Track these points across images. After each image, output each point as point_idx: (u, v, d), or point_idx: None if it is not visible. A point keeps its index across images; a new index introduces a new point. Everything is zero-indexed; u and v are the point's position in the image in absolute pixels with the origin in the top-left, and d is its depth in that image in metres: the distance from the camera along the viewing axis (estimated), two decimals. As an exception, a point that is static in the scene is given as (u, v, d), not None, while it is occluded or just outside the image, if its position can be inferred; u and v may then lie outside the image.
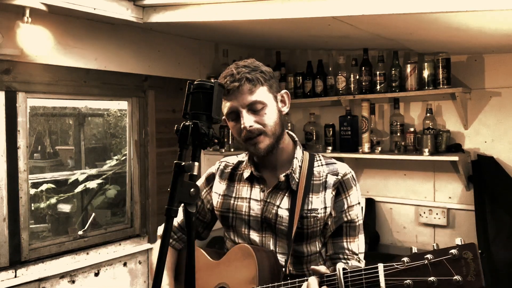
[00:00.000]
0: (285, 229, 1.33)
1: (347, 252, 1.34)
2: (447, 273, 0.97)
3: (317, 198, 1.35)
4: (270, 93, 1.33)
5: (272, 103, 1.33)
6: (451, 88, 2.65)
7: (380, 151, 2.90)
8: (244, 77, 1.29)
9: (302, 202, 1.33)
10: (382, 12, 1.79)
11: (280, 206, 1.35)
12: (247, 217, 1.38)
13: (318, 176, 1.38)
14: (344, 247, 1.35)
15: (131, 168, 2.90)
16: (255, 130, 1.29)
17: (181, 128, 0.99)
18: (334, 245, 1.36)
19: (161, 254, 0.93)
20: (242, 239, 1.39)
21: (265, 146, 1.31)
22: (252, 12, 2.09)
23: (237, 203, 1.41)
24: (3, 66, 2.21)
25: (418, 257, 1.02)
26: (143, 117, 2.89)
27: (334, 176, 1.37)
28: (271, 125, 1.31)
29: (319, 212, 1.33)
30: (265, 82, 1.32)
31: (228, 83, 1.29)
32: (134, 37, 2.76)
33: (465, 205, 2.80)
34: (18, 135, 2.28)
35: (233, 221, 1.41)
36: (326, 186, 1.36)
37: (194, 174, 0.97)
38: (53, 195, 3.09)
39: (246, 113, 1.29)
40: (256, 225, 1.37)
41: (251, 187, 1.41)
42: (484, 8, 1.60)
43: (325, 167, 1.40)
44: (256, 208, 1.37)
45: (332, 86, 3.13)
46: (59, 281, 2.44)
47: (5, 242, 2.24)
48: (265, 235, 1.36)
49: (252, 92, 1.29)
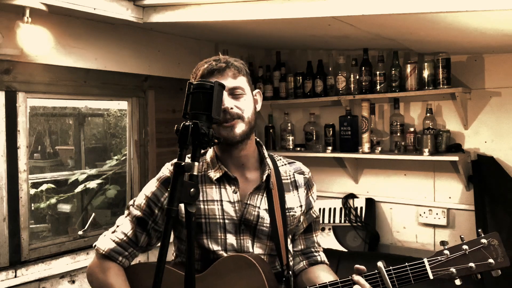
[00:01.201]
0: (266, 229, 1.33)
1: (316, 245, 1.48)
2: (482, 258, 1.22)
3: (289, 197, 1.40)
4: (249, 85, 1.36)
5: (250, 94, 1.35)
6: (451, 88, 2.65)
7: (380, 151, 2.90)
8: (230, 62, 1.32)
9: (280, 201, 1.36)
10: (382, 12, 1.79)
11: (260, 207, 1.34)
12: (221, 220, 1.32)
13: (285, 176, 1.43)
14: (314, 241, 1.48)
15: (131, 168, 2.90)
16: (234, 113, 1.28)
17: (181, 128, 0.99)
18: (306, 240, 1.47)
19: (161, 254, 0.94)
20: (217, 243, 1.31)
21: (240, 131, 1.29)
22: (252, 12, 2.09)
23: (208, 206, 1.32)
24: (3, 66, 2.21)
25: (456, 249, 1.23)
26: (143, 117, 2.89)
27: (301, 175, 1.45)
28: (249, 113, 1.32)
29: (296, 210, 1.40)
30: (246, 74, 1.36)
31: (213, 64, 1.30)
32: (134, 37, 2.76)
33: (465, 205, 2.80)
34: (18, 135, 2.28)
35: (207, 226, 1.32)
36: (297, 185, 1.43)
37: (194, 174, 0.97)
38: (53, 195, 3.09)
39: (227, 96, 1.29)
40: (233, 228, 1.32)
41: (219, 188, 1.34)
42: (484, 8, 1.60)
43: (289, 166, 1.46)
44: (230, 211, 1.32)
45: (332, 86, 3.13)
46: (59, 281, 2.44)
47: (5, 242, 2.24)
48: (243, 237, 1.33)
49: (235, 77, 1.31)
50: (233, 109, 1.28)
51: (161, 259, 0.94)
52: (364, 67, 2.94)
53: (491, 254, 1.22)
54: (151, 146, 2.91)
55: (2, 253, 2.23)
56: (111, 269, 1.32)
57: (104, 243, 1.36)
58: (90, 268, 1.37)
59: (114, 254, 1.33)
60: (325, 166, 3.24)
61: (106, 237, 1.38)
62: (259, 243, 1.34)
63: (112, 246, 1.34)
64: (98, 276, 1.33)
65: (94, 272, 1.35)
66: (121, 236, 1.35)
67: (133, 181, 2.89)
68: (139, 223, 1.36)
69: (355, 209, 3.09)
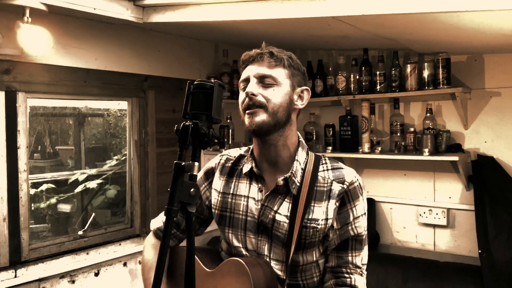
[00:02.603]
0: (282, 236, 1.26)
1: (351, 266, 1.29)
2: None
3: (319, 207, 1.27)
4: (288, 79, 1.29)
5: (286, 88, 1.28)
6: (451, 88, 2.65)
7: (380, 151, 2.90)
8: (270, 51, 1.29)
9: (303, 210, 1.25)
10: (382, 12, 1.79)
11: (278, 212, 1.27)
12: (244, 217, 1.32)
13: (322, 182, 1.29)
14: (349, 261, 1.29)
15: (131, 168, 2.90)
16: (256, 100, 1.24)
17: (181, 128, 0.99)
18: (338, 258, 1.30)
19: (161, 254, 0.93)
20: (238, 240, 1.33)
21: (260, 121, 1.23)
22: (252, 12, 2.09)
23: (235, 201, 1.34)
24: (3, 66, 2.21)
25: None
26: (143, 117, 2.89)
27: (340, 184, 1.28)
28: (275, 103, 1.25)
29: (319, 223, 1.25)
30: (288, 67, 1.29)
31: (251, 52, 1.30)
32: (134, 37, 2.76)
33: (465, 205, 2.80)
34: (18, 135, 2.28)
35: (230, 221, 1.34)
36: (331, 195, 1.27)
37: (194, 174, 0.97)
38: (53, 195, 3.09)
39: (255, 83, 1.26)
40: (253, 227, 1.30)
41: (249, 184, 1.34)
42: (484, 8, 1.60)
43: (331, 172, 1.31)
44: (253, 209, 1.31)
45: (332, 86, 3.13)
46: (59, 281, 2.44)
47: (5, 242, 2.24)
48: (261, 239, 1.30)
49: (270, 67, 1.27)
50: (256, 96, 1.24)
51: (161, 259, 0.93)
52: (364, 67, 2.94)
53: None
54: (151, 146, 2.91)
55: (2, 253, 2.23)
56: (155, 245, 1.46)
57: (156, 222, 1.50)
58: (145, 241, 1.53)
59: (159, 233, 1.47)
60: (325, 166, 3.24)
61: (159, 217, 1.51)
62: (276, 249, 1.28)
63: (159, 226, 1.48)
64: (144, 250, 1.49)
65: (144, 246, 1.51)
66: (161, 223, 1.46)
67: (133, 181, 2.89)
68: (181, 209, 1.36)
69: (355, 209, 3.08)
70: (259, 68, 1.27)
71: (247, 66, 1.31)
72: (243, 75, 1.31)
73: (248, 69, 1.30)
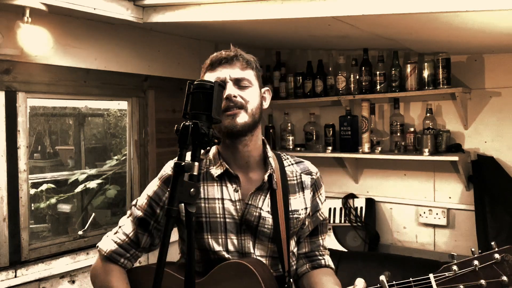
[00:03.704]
0: (268, 232, 1.30)
1: (321, 249, 1.44)
2: (495, 275, 1.11)
3: (294, 199, 1.36)
4: (257, 80, 1.34)
5: (257, 89, 1.33)
6: (451, 88, 2.65)
7: (380, 151, 2.90)
8: (240, 53, 1.32)
9: (284, 204, 1.32)
10: (382, 12, 1.79)
11: (262, 208, 1.30)
12: (222, 219, 1.30)
13: (291, 176, 1.39)
14: (320, 244, 1.44)
15: (131, 168, 2.90)
16: (237, 101, 1.27)
17: (181, 128, 0.99)
18: (311, 243, 1.43)
19: (161, 254, 0.93)
20: (218, 243, 1.29)
21: (242, 122, 1.27)
22: (252, 12, 2.09)
23: (208, 205, 1.30)
24: (3, 66, 2.21)
25: (465, 264, 1.14)
26: (143, 117, 2.89)
27: (308, 175, 1.41)
28: (253, 105, 1.29)
29: (300, 213, 1.36)
30: (255, 69, 1.35)
31: (223, 54, 1.31)
32: (134, 37, 2.76)
33: (465, 205, 2.80)
34: (18, 135, 2.28)
35: (208, 225, 1.29)
36: (304, 186, 1.39)
37: (194, 174, 0.97)
38: (53, 195, 3.09)
39: (232, 85, 1.28)
40: (234, 228, 1.29)
41: (221, 186, 1.32)
42: (485, 8, 1.60)
43: (296, 166, 1.42)
44: (232, 209, 1.29)
45: (332, 86, 3.13)
46: (59, 281, 2.44)
47: (5, 242, 2.24)
48: (244, 238, 1.30)
49: (243, 69, 1.31)
50: (236, 97, 1.27)
51: (161, 259, 0.93)
52: (364, 67, 2.94)
53: (504, 271, 1.11)
54: (151, 146, 2.91)
55: (2, 253, 2.23)
56: (113, 272, 1.33)
57: (106, 244, 1.36)
58: (94, 269, 1.38)
59: (115, 256, 1.34)
60: (325, 166, 3.24)
61: (109, 238, 1.38)
62: (261, 245, 1.31)
63: (113, 248, 1.34)
64: (100, 278, 1.34)
65: (97, 274, 1.36)
66: (123, 237, 1.35)
67: (133, 181, 2.89)
68: (140, 224, 1.34)
69: (355, 209, 3.09)
70: (233, 71, 1.30)
71: (217, 68, 1.31)
72: (214, 77, 1.30)
73: (222, 71, 1.30)
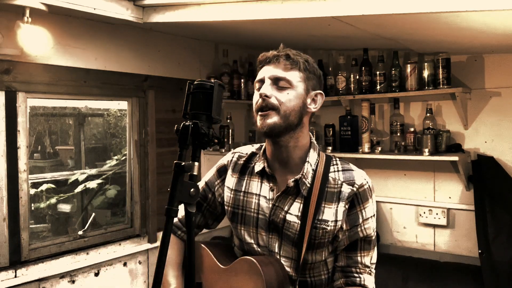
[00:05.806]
0: (292, 236, 1.29)
1: (360, 266, 1.32)
2: None
3: (329, 208, 1.29)
4: (303, 82, 1.30)
5: (299, 92, 1.29)
6: (451, 88, 2.65)
7: (380, 151, 2.90)
8: (286, 53, 1.30)
9: (314, 211, 1.27)
10: (382, 12, 1.79)
11: (289, 212, 1.30)
12: (255, 215, 1.35)
13: (333, 184, 1.31)
14: (358, 261, 1.32)
15: (131, 168, 2.90)
16: (269, 102, 1.25)
17: (181, 128, 0.99)
18: (347, 258, 1.33)
19: (161, 254, 0.93)
20: (250, 236, 1.36)
21: (272, 123, 1.25)
22: (252, 12, 2.09)
23: (247, 199, 1.37)
24: (3, 66, 2.21)
25: None
26: (143, 117, 2.89)
27: (350, 186, 1.31)
28: (288, 107, 1.26)
29: (329, 224, 1.28)
30: (303, 71, 1.30)
31: (268, 53, 1.31)
32: (134, 37, 2.76)
33: (465, 205, 2.80)
34: (18, 135, 2.28)
35: (242, 218, 1.37)
36: (340, 197, 1.30)
37: (194, 174, 0.97)
38: (53, 195, 3.09)
39: (269, 85, 1.28)
40: (264, 225, 1.33)
41: (261, 182, 1.36)
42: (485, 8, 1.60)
43: (341, 173, 1.33)
44: (265, 207, 1.33)
45: (332, 86, 3.13)
46: (59, 281, 2.44)
47: (5, 242, 2.24)
48: (272, 236, 1.33)
49: (286, 69, 1.28)
50: (269, 97, 1.26)
51: (161, 259, 0.93)
52: (364, 67, 2.94)
53: None
54: (151, 146, 2.91)
55: (2, 253, 2.23)
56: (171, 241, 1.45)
57: None
58: None
59: (174, 228, 1.49)
60: (325, 166, 3.23)
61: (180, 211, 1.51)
62: (286, 247, 1.31)
63: (175, 221, 1.49)
64: None
65: None
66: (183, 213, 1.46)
67: (133, 181, 2.89)
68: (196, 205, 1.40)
69: (355, 209, 3.08)
70: (274, 70, 1.28)
71: (263, 66, 1.32)
72: (258, 76, 1.33)
73: (264, 70, 1.31)
